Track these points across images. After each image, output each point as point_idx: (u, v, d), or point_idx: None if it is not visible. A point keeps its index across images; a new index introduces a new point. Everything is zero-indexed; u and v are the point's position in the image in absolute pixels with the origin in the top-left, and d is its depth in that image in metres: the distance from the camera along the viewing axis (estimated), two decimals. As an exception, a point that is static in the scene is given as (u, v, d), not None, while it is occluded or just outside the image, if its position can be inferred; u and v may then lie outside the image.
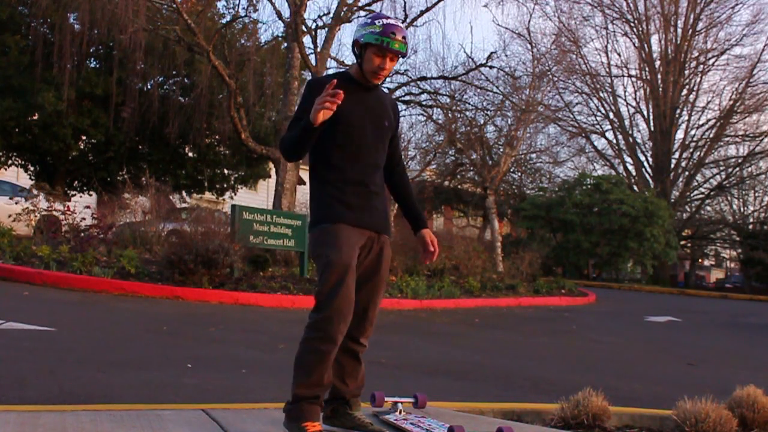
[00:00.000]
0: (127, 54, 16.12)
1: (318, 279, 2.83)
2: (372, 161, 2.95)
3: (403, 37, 2.87)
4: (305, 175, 7.51)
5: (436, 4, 16.34)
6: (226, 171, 21.82)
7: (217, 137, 19.91)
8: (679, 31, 31.79)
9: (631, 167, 32.91)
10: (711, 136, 32.00)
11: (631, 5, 31.94)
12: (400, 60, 3.29)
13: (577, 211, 26.44)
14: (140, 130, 17.84)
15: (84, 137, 18.67)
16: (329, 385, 2.85)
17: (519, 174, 31.99)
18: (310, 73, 15.66)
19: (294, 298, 9.33)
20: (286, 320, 8.01)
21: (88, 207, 11.73)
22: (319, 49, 15.58)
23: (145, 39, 15.70)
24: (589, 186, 27.67)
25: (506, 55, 26.91)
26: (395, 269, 13.00)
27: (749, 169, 33.62)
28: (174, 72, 18.77)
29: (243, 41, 18.75)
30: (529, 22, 39.43)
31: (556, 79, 25.48)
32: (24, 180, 19.22)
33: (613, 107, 32.61)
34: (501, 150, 24.46)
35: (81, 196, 20.14)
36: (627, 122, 32.87)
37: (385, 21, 2.87)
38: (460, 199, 33.17)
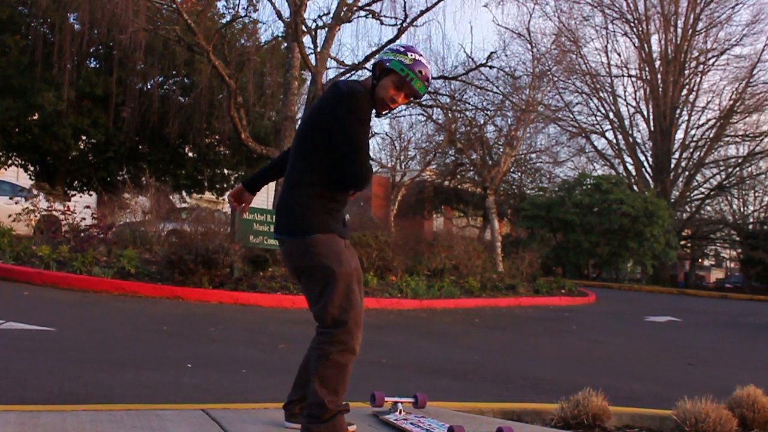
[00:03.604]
0: (127, 54, 16.11)
1: (319, 291, 2.70)
2: None
3: (427, 80, 2.80)
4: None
5: (436, 4, 16.29)
6: (226, 171, 21.81)
7: (217, 137, 19.90)
8: (679, 31, 31.79)
9: (631, 167, 32.92)
10: (711, 136, 31.99)
11: (631, 5, 31.96)
12: None
13: (577, 211, 26.44)
14: (140, 130, 17.83)
15: (84, 137, 18.66)
16: None
17: (519, 174, 32.01)
18: (310, 73, 15.65)
19: (294, 298, 9.32)
20: (286, 320, 8.01)
21: (88, 207, 11.73)
22: (319, 49, 15.57)
23: (145, 39, 15.67)
24: (589, 186, 27.68)
25: (506, 55, 26.79)
26: (395, 269, 13.00)
27: (749, 169, 33.64)
28: (174, 72, 18.77)
29: (243, 41, 18.73)
30: (529, 22, 39.42)
31: (556, 79, 25.49)
32: (24, 180, 19.20)
33: (613, 107, 32.63)
34: (501, 150, 24.47)
35: (81, 196, 20.13)
36: (627, 122, 32.90)
37: (417, 57, 2.78)
38: (460, 199, 33.20)
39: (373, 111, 2.84)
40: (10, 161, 19.44)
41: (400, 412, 3.33)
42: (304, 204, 2.75)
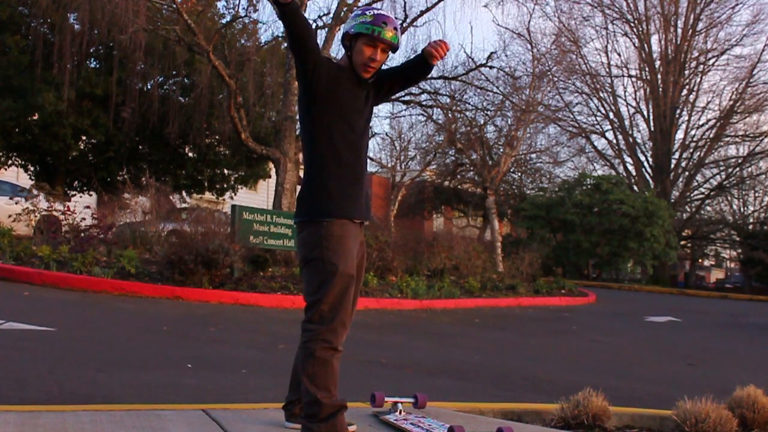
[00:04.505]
0: (127, 54, 16.11)
1: (317, 285, 2.72)
2: (365, 144, 2.95)
3: (395, 29, 2.83)
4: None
5: (436, 4, 16.31)
6: (226, 171, 21.80)
7: (217, 137, 19.90)
8: (679, 31, 31.78)
9: (631, 167, 32.91)
10: (711, 136, 31.98)
11: (631, 5, 31.95)
12: (400, 59, 3.23)
13: (577, 211, 26.44)
14: (140, 130, 17.82)
15: (84, 137, 18.65)
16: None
17: (519, 174, 32.00)
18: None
19: (294, 298, 9.32)
20: (286, 320, 8.00)
21: (88, 207, 11.73)
22: (319, 49, 15.57)
23: (145, 39, 15.66)
24: (589, 186, 27.67)
25: (506, 55, 26.91)
26: (395, 269, 13.00)
27: (749, 169, 33.62)
28: (174, 72, 18.76)
29: (243, 41, 18.73)
30: (529, 22, 39.47)
31: (556, 79, 25.46)
32: (24, 180, 19.20)
33: (613, 107, 32.62)
34: (501, 150, 24.46)
35: (81, 196, 20.13)
36: (627, 122, 32.89)
37: (376, 12, 2.84)
38: (460, 199, 33.17)
39: (358, 80, 2.89)
40: (10, 161, 19.43)
41: (400, 413, 3.33)
42: (322, 186, 2.80)
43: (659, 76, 31.65)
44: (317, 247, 2.75)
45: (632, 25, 32.16)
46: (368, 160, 3.03)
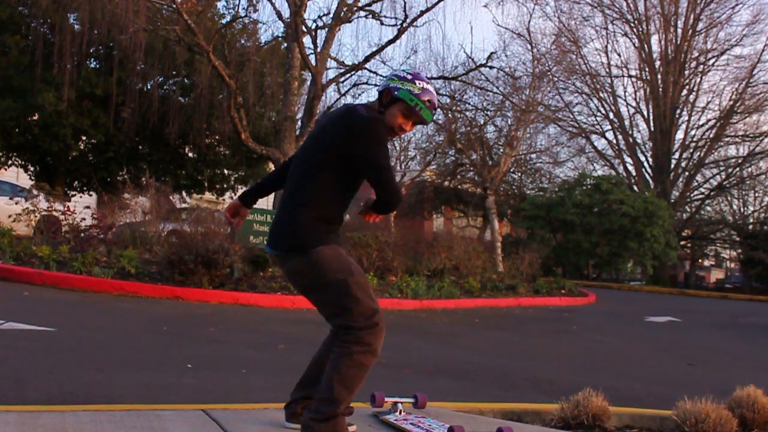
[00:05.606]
0: (127, 54, 16.12)
1: (339, 305, 2.70)
2: None
3: (435, 108, 2.85)
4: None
5: (436, 4, 16.30)
6: (226, 171, 21.82)
7: (217, 137, 19.91)
8: (679, 31, 31.78)
9: (631, 167, 32.90)
10: (711, 136, 31.97)
11: (631, 5, 31.95)
12: (401, 60, 3.25)
13: (577, 211, 26.43)
14: (140, 130, 17.83)
15: (84, 137, 18.67)
16: None
17: (519, 174, 31.98)
18: (310, 73, 15.65)
19: (294, 298, 9.32)
20: (286, 320, 8.01)
21: (88, 207, 11.73)
22: (319, 50, 15.58)
23: (145, 39, 15.67)
24: (589, 186, 27.67)
25: (506, 56, 26.79)
26: (395, 269, 12.99)
27: (749, 169, 33.59)
28: (174, 72, 18.77)
29: (243, 41, 18.74)
30: (529, 22, 39.38)
31: (556, 79, 25.47)
32: (24, 180, 19.22)
33: (613, 107, 32.61)
34: (501, 150, 24.47)
35: (81, 196, 20.14)
36: (627, 122, 32.88)
37: (425, 85, 2.82)
38: (460, 199, 33.15)
39: None
40: (10, 161, 19.44)
41: (400, 413, 3.33)
42: (308, 225, 2.75)
43: (659, 76, 31.64)
44: (314, 273, 2.73)
45: (632, 25, 32.16)
46: None
